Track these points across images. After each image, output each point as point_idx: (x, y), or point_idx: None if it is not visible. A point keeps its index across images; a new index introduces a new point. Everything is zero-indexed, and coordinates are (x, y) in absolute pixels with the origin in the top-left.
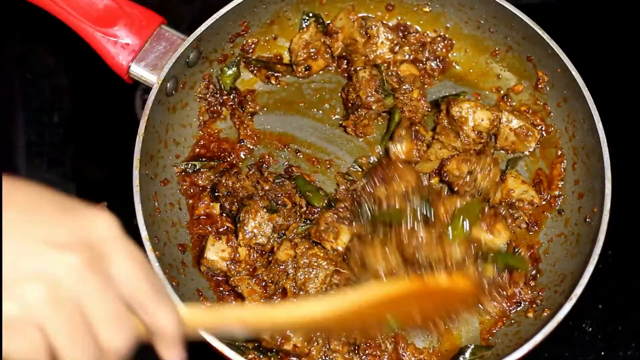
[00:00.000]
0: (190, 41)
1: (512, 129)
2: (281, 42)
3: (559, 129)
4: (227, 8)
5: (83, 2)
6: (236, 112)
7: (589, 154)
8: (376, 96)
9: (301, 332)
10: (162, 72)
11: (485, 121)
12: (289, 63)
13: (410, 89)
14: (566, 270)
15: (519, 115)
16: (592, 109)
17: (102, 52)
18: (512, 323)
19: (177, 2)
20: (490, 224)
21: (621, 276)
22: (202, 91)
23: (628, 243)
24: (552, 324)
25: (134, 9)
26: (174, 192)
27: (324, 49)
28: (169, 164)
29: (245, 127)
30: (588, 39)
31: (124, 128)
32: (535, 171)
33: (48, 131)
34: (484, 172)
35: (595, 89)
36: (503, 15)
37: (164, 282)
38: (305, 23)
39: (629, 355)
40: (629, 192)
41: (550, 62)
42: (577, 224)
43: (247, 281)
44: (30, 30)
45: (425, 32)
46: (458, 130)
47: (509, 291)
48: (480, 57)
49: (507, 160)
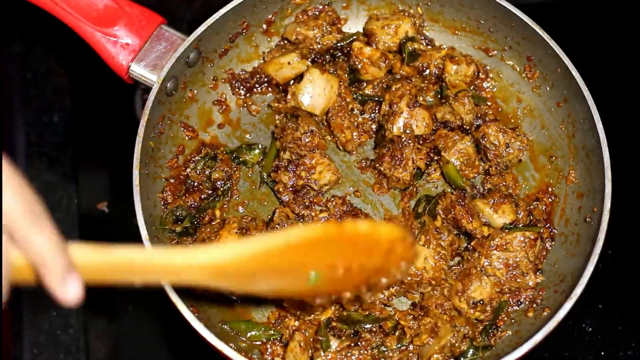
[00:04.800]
0: (190, 41)
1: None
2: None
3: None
4: (227, 8)
5: (83, 2)
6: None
7: (589, 154)
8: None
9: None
10: (162, 72)
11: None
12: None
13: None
14: (566, 270)
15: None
16: (592, 109)
17: (102, 52)
18: (512, 323)
19: (177, 2)
20: (497, 203)
21: (621, 276)
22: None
23: (628, 243)
24: (552, 323)
25: (134, 9)
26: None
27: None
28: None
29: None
30: (588, 39)
31: (124, 128)
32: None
33: (48, 131)
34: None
35: (595, 89)
36: (503, 15)
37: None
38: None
39: (629, 355)
40: (629, 192)
41: (550, 62)
42: (577, 223)
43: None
44: (30, 30)
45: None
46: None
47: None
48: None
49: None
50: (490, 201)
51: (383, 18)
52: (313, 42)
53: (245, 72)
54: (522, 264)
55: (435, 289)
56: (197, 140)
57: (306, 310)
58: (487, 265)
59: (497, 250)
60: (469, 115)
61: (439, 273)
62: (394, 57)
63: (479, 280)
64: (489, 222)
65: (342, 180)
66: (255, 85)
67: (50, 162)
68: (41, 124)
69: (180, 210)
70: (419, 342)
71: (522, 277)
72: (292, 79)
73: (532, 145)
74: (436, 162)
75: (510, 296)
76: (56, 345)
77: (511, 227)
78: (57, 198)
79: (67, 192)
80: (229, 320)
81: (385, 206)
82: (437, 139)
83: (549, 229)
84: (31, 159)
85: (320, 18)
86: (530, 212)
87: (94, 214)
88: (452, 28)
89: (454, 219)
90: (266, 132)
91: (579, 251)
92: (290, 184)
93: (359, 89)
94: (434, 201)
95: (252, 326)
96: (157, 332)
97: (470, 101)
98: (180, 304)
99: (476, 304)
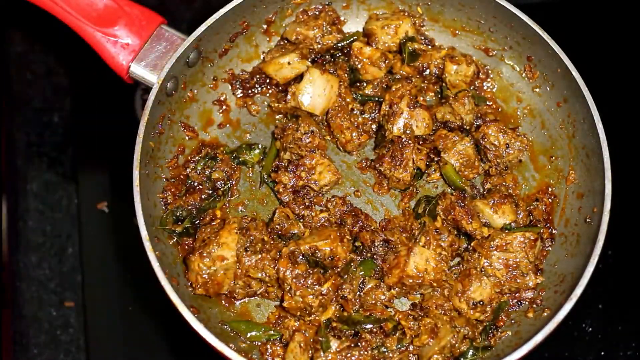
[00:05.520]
0: (190, 41)
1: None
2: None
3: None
4: (227, 8)
5: (83, 2)
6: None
7: (589, 154)
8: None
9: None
10: (162, 72)
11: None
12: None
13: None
14: (566, 270)
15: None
16: (592, 109)
17: (102, 52)
18: (512, 323)
19: (177, 2)
20: (497, 203)
21: (621, 276)
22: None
23: (628, 243)
24: (552, 324)
25: (134, 9)
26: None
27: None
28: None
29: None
30: (588, 39)
31: (124, 128)
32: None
33: (48, 131)
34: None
35: (595, 89)
36: (503, 15)
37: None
38: None
39: (629, 355)
40: (629, 192)
41: (550, 62)
42: (577, 224)
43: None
44: (30, 30)
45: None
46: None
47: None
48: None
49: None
50: (490, 201)
51: (383, 18)
52: (313, 42)
53: (245, 72)
54: (522, 264)
55: (436, 290)
56: (197, 140)
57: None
58: (487, 265)
59: (497, 251)
60: (469, 116)
61: (440, 275)
62: (394, 57)
63: (479, 280)
64: (489, 222)
65: (342, 181)
66: (255, 85)
67: (50, 162)
68: (41, 124)
69: (181, 210)
70: (419, 343)
71: (522, 278)
72: (292, 79)
73: (532, 145)
74: (436, 162)
75: (510, 297)
76: (56, 345)
77: (511, 228)
78: (57, 198)
79: (67, 192)
80: (229, 321)
81: (385, 206)
82: (436, 140)
83: (549, 229)
84: (31, 159)
85: (320, 18)
86: (530, 213)
87: (94, 214)
88: (452, 28)
89: (454, 220)
90: (266, 132)
91: (579, 251)
92: (290, 184)
93: (359, 89)
94: (434, 202)
95: (252, 326)
96: (157, 332)
97: (470, 101)
98: (180, 304)
99: (476, 305)
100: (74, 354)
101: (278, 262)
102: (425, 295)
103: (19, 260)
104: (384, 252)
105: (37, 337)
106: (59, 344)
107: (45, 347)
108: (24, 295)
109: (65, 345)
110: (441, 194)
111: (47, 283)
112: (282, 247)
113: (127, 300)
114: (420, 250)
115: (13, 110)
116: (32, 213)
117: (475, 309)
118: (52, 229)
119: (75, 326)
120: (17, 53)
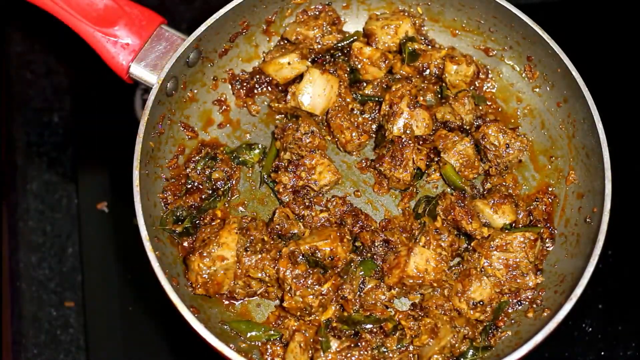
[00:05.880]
0: (190, 41)
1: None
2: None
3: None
4: (227, 8)
5: (83, 2)
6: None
7: (589, 154)
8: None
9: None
10: (162, 72)
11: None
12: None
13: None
14: (566, 270)
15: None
16: (592, 109)
17: (102, 52)
18: (512, 323)
19: (177, 2)
20: (497, 203)
21: (621, 276)
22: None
23: (628, 243)
24: (552, 324)
25: (134, 9)
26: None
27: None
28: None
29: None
30: (588, 39)
31: (124, 128)
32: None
33: (48, 131)
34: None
35: (595, 89)
36: (503, 15)
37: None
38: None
39: (629, 355)
40: (629, 192)
41: (550, 62)
42: (577, 224)
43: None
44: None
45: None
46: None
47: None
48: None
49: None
50: (490, 201)
51: (383, 18)
52: (313, 42)
53: (245, 72)
54: (522, 264)
55: (436, 290)
56: (197, 140)
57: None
58: (487, 265)
59: (497, 251)
60: (469, 116)
61: (440, 275)
62: (394, 57)
63: (479, 280)
64: (489, 222)
65: (342, 181)
66: (255, 85)
67: (50, 162)
68: (41, 124)
69: (181, 210)
70: (419, 343)
71: (522, 278)
72: (292, 79)
73: (532, 145)
74: (436, 162)
75: (510, 297)
76: (56, 345)
77: (511, 228)
78: (57, 198)
79: (67, 192)
80: (229, 321)
81: (385, 206)
82: (436, 140)
83: (549, 229)
84: (31, 159)
85: (320, 18)
86: (530, 213)
87: (94, 214)
88: (452, 28)
89: (454, 220)
90: (266, 132)
91: (579, 252)
92: (290, 184)
93: (359, 89)
94: (434, 202)
95: (252, 326)
96: (157, 332)
97: (470, 101)
98: (180, 304)
99: (476, 305)
100: (74, 354)
101: (278, 262)
102: (425, 295)
103: (19, 260)
104: (384, 252)
105: (37, 337)
106: (59, 344)
107: (45, 347)
108: (24, 295)
109: (65, 345)
110: (441, 194)
111: (47, 283)
112: (282, 247)
113: (127, 300)
114: (420, 251)
115: (13, 110)
116: (32, 213)
117: (475, 309)
118: (52, 229)
119: (75, 326)
120: (17, 53)
